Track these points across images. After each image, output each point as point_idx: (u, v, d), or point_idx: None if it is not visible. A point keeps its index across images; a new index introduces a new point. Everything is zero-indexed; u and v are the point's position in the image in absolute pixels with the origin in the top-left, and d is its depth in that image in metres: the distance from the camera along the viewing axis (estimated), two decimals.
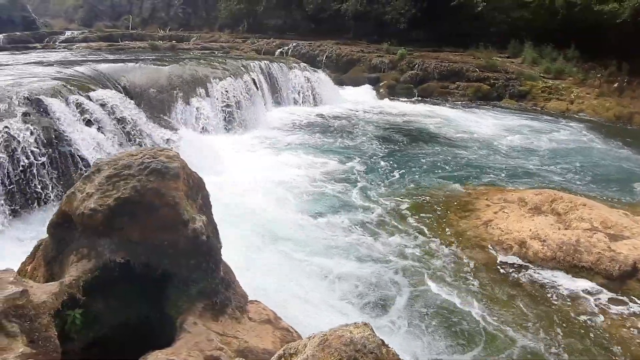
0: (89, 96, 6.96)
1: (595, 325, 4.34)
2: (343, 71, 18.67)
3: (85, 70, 8.91)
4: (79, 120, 6.39)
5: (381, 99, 16.57)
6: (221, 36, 25.05)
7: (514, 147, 10.67)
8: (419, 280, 4.95)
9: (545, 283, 4.95)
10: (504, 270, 5.19)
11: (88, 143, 6.18)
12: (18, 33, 23.86)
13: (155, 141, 7.13)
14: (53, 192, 5.64)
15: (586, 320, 4.40)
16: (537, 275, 5.09)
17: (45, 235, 2.76)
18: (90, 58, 12.36)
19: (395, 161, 9.12)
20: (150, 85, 9.38)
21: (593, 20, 15.95)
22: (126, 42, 21.92)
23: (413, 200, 6.99)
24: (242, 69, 12.47)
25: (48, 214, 5.30)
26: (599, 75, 15.94)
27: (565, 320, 4.39)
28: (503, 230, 5.77)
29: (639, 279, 4.83)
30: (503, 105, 16.28)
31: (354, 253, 5.41)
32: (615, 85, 15.42)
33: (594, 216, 5.61)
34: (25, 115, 5.83)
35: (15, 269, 2.50)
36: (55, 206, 5.44)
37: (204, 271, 2.45)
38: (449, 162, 9.18)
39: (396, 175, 8.20)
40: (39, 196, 5.54)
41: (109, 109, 6.94)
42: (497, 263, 5.32)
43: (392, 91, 17.25)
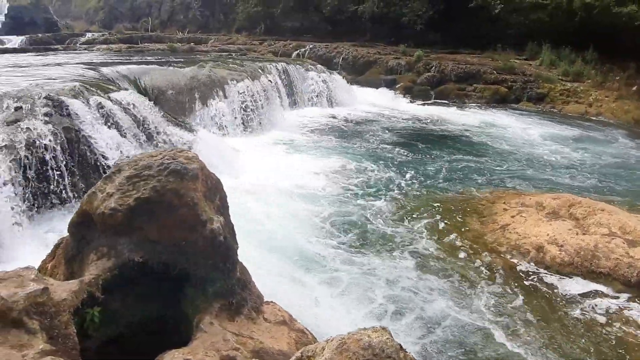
0: (109, 97, 7.06)
1: (612, 331, 4.26)
2: (359, 73, 18.64)
3: (106, 71, 9.07)
4: (99, 121, 6.49)
5: (397, 101, 16.50)
6: (238, 38, 25.22)
7: (532, 151, 10.53)
8: (434, 284, 4.91)
9: (562, 288, 4.88)
10: (520, 275, 5.12)
11: (108, 143, 6.26)
12: (40, 35, 24.36)
13: (174, 142, 7.20)
14: (73, 192, 5.73)
15: (603, 326, 4.32)
16: (554, 280, 5.01)
17: (65, 234, 2.80)
18: (110, 60, 12.54)
19: (412, 164, 9.07)
20: (169, 87, 9.49)
21: (611, 23, 15.68)
22: (145, 44, 22.19)
23: (429, 203, 6.94)
24: (259, 70, 12.54)
25: (68, 213, 5.40)
26: (617, 77, 15.66)
27: (581, 326, 4.32)
28: (520, 235, 5.70)
29: None
30: (521, 108, 16.08)
31: (365, 254, 5.40)
32: (634, 88, 15.14)
33: (612, 221, 5.51)
34: (47, 115, 5.94)
35: (36, 267, 2.53)
36: (74, 205, 5.53)
37: (221, 271, 2.47)
38: (466, 165, 9.10)
39: (413, 178, 8.15)
40: (59, 195, 5.63)
41: (128, 110, 7.03)
42: (514, 267, 5.25)
43: (409, 93, 17.17)
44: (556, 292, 4.82)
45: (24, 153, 5.41)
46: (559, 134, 12.31)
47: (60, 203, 5.65)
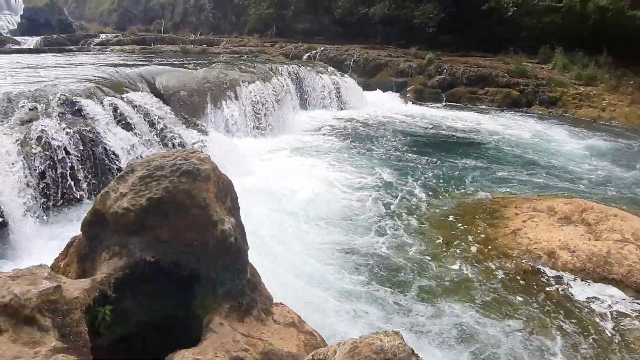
0: (122, 98, 7.14)
1: (623, 338, 4.21)
2: (370, 75, 18.63)
3: (119, 72, 9.15)
4: (112, 122, 6.56)
5: (408, 103, 16.46)
6: (250, 40, 25.34)
7: (541, 154, 10.44)
8: (445, 288, 4.88)
9: (573, 294, 4.82)
10: (531, 281, 5.07)
11: (121, 144, 6.33)
12: (55, 35, 24.71)
13: (186, 143, 7.25)
14: (86, 191, 5.79)
15: (614, 334, 4.27)
16: (566, 286, 4.96)
17: (77, 233, 2.83)
18: (123, 61, 12.66)
19: (423, 167, 9.03)
20: (182, 88, 9.56)
21: (625, 26, 15.51)
22: (158, 46, 22.38)
23: (441, 207, 6.92)
24: (271, 72, 12.58)
25: (81, 212, 5.45)
26: (631, 82, 15.48)
27: (593, 333, 4.27)
28: (532, 240, 5.65)
29: None
30: (533, 112, 15.95)
31: (375, 257, 5.39)
32: None
33: (625, 227, 5.44)
34: (61, 115, 6.02)
35: (49, 265, 2.56)
36: (87, 205, 5.59)
37: (232, 272, 2.47)
38: (478, 169, 9.05)
39: (424, 182, 8.12)
40: (72, 194, 5.70)
41: (141, 111, 7.09)
42: (525, 273, 5.21)
43: (420, 96, 17.12)
44: (567, 298, 4.77)
45: (38, 152, 5.48)
46: (572, 139, 12.19)
47: (72, 202, 5.71)
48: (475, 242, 5.83)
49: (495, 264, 5.35)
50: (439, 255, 5.53)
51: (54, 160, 5.60)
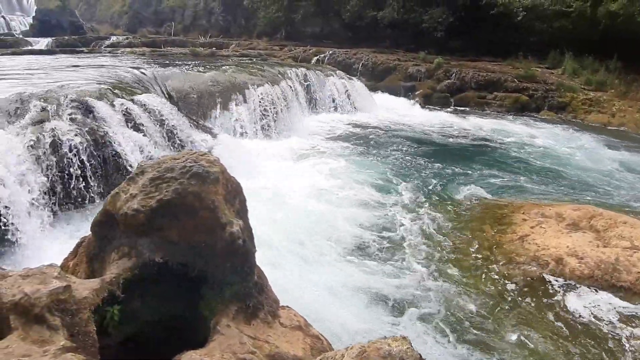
0: (133, 100, 7.19)
1: (631, 346, 4.17)
2: (379, 79, 18.63)
3: (130, 74, 9.22)
4: (123, 123, 6.61)
5: (416, 107, 16.43)
6: (259, 43, 25.44)
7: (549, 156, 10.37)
8: (451, 293, 4.87)
9: (580, 302, 4.78)
10: (539, 287, 5.04)
11: (131, 145, 6.37)
12: (66, 37, 24.95)
13: (195, 145, 7.29)
14: (96, 192, 5.83)
15: (622, 341, 4.23)
16: (573, 293, 4.92)
17: (87, 233, 2.85)
18: (134, 63, 12.75)
19: (431, 171, 9.01)
20: (191, 91, 9.62)
21: (635, 32, 15.40)
22: (168, 48, 22.50)
23: (448, 212, 6.90)
24: (279, 76, 12.62)
25: (90, 212, 5.50)
26: None
27: (598, 341, 4.24)
28: (539, 246, 5.61)
29: None
30: (542, 117, 15.86)
31: (382, 261, 5.38)
32: None
33: (634, 234, 5.40)
34: (72, 116, 6.07)
35: (58, 265, 2.58)
36: (97, 205, 5.64)
37: (239, 274, 2.48)
38: (487, 174, 9.01)
39: (432, 186, 8.10)
40: (82, 195, 5.74)
41: (152, 112, 7.15)
42: (532, 279, 5.17)
43: (428, 100, 17.09)
44: (575, 306, 4.73)
45: (49, 153, 5.53)
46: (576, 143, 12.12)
47: (82, 203, 5.75)
48: (482, 248, 5.80)
49: (502, 269, 5.32)
50: (445, 260, 5.51)
51: (64, 161, 5.65)
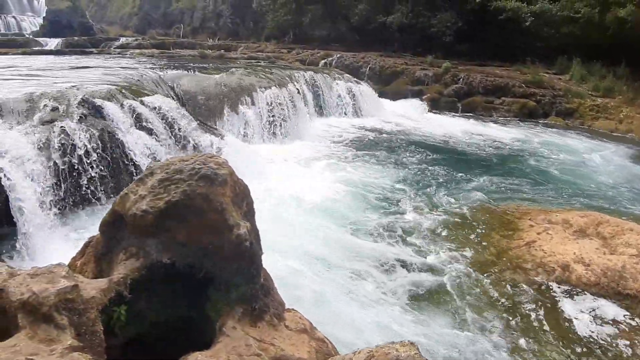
0: (142, 101, 7.24)
1: (635, 353, 4.15)
2: (386, 83, 18.60)
3: (139, 75, 9.29)
4: (132, 124, 6.65)
5: (424, 112, 16.39)
6: (267, 46, 25.49)
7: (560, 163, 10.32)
8: (457, 299, 4.85)
9: (586, 309, 4.75)
10: (545, 294, 5.01)
11: (140, 146, 6.41)
12: (76, 38, 25.15)
13: (203, 147, 7.31)
14: (104, 192, 5.87)
15: (626, 349, 4.20)
16: (579, 300, 4.89)
17: (94, 233, 2.87)
18: (143, 64, 12.83)
19: (438, 176, 8.98)
20: (200, 93, 9.66)
21: None
22: (177, 50, 22.63)
23: (455, 217, 6.87)
24: (287, 79, 12.64)
25: (98, 212, 5.54)
26: None
27: (605, 349, 4.20)
28: (546, 252, 5.58)
29: None
30: (549, 123, 15.77)
31: (390, 267, 5.37)
32: None
33: None
34: (82, 116, 6.13)
35: (66, 264, 2.59)
36: (105, 205, 5.68)
37: (245, 276, 2.49)
38: (493, 179, 8.97)
39: (439, 191, 8.07)
40: (90, 195, 5.78)
41: (160, 114, 7.19)
42: (538, 286, 5.14)
43: (436, 104, 17.05)
44: (580, 313, 4.70)
45: (58, 152, 5.58)
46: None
47: (90, 202, 5.79)
48: (489, 253, 5.78)
49: (508, 275, 5.30)
50: (450, 265, 5.49)
51: (73, 161, 5.70)
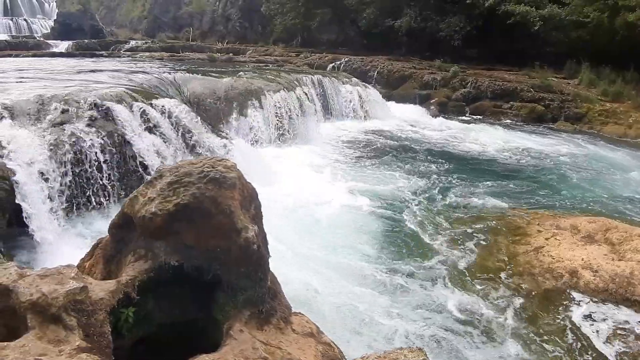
0: (151, 104, 7.29)
1: None
2: (394, 87, 18.57)
3: (148, 78, 9.36)
4: (141, 127, 6.70)
5: (432, 116, 16.33)
6: (275, 50, 25.56)
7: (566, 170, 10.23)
8: (464, 303, 4.82)
9: (594, 315, 4.70)
10: (552, 300, 4.96)
11: (149, 149, 6.45)
12: (86, 40, 25.38)
13: (211, 149, 7.34)
14: (112, 194, 5.90)
15: (634, 356, 4.15)
16: (587, 306, 4.84)
17: (103, 235, 2.89)
18: (152, 67, 12.91)
19: (446, 181, 8.94)
20: (208, 96, 9.70)
21: None
22: (186, 53, 22.73)
23: (462, 222, 6.85)
24: (295, 82, 12.66)
25: (107, 213, 5.58)
26: None
27: (614, 356, 4.16)
28: (554, 258, 5.54)
29: None
30: (558, 128, 15.65)
31: (394, 271, 5.36)
32: None
33: None
34: (92, 119, 6.17)
35: (75, 265, 2.61)
36: (113, 207, 5.71)
37: (253, 280, 2.49)
38: (501, 184, 8.92)
39: (446, 196, 8.03)
40: (99, 196, 5.82)
41: (169, 117, 7.23)
42: (546, 291, 5.10)
43: (443, 109, 16.99)
44: (588, 319, 4.65)
45: (68, 154, 5.62)
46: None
47: (99, 203, 5.83)
48: (496, 259, 5.75)
49: (516, 281, 5.26)
50: (459, 271, 5.47)
51: (83, 162, 5.74)
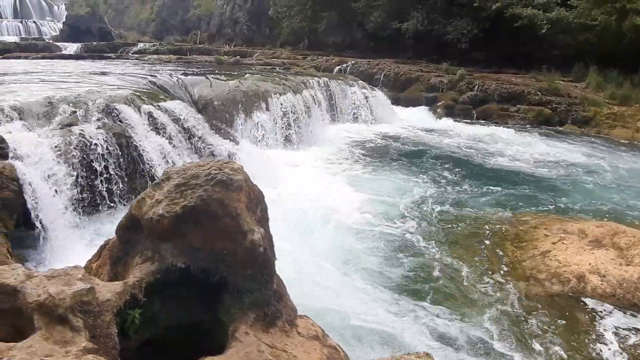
0: (159, 106, 7.34)
1: None
2: (400, 90, 18.53)
3: (156, 81, 9.40)
4: (149, 129, 6.73)
5: (438, 119, 16.27)
6: (282, 52, 25.62)
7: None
8: (470, 310, 4.80)
9: (601, 321, 4.66)
10: (559, 305, 4.93)
11: (156, 151, 6.48)
12: (94, 43, 25.62)
13: (218, 152, 7.37)
14: (120, 196, 5.93)
15: None
16: (594, 312, 4.80)
17: (110, 236, 2.91)
18: (160, 70, 12.98)
19: (453, 185, 8.89)
20: (215, 98, 9.74)
21: None
22: (194, 56, 22.81)
23: (469, 227, 6.82)
24: (302, 85, 12.68)
25: (114, 215, 5.60)
26: None
27: None
28: (561, 263, 5.50)
29: None
30: (565, 131, 15.56)
31: (398, 279, 5.35)
32: None
33: None
34: (100, 121, 6.22)
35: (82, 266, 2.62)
36: (120, 209, 5.74)
37: (259, 282, 2.50)
38: (508, 188, 8.87)
39: (453, 200, 7.99)
40: (107, 198, 5.85)
41: (177, 119, 7.27)
42: (553, 296, 5.06)
43: (450, 112, 16.94)
44: (595, 325, 4.61)
45: (76, 156, 5.66)
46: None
47: (107, 205, 5.86)
48: (503, 263, 5.72)
49: (522, 286, 5.23)
50: (464, 275, 5.44)
51: (91, 164, 5.77)
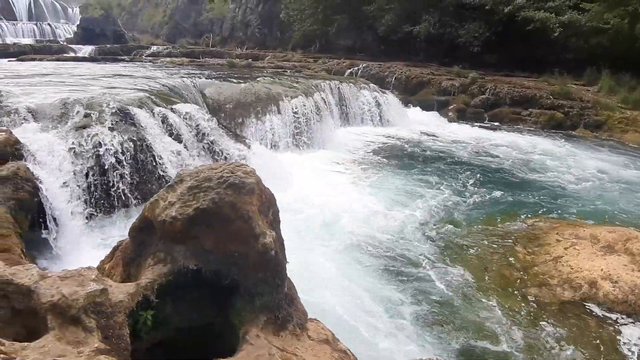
0: (172, 109, 7.40)
1: None
2: (411, 93, 18.50)
3: (169, 84, 9.48)
4: (162, 131, 6.79)
5: (450, 122, 16.23)
6: (294, 55, 25.72)
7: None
8: (483, 314, 4.76)
9: (613, 328, 4.60)
10: (571, 311, 4.87)
11: (169, 153, 6.53)
12: (108, 45, 25.93)
13: (230, 154, 7.40)
14: (133, 198, 5.98)
15: None
16: (606, 319, 4.73)
17: (122, 238, 2.94)
18: (173, 72, 13.07)
19: (463, 188, 8.84)
20: (227, 101, 9.80)
21: None
22: (206, 59, 23.01)
23: (480, 231, 6.77)
24: (313, 88, 12.69)
25: (128, 217, 5.65)
26: None
27: None
28: (573, 268, 5.44)
29: None
30: (577, 135, 15.41)
31: (408, 282, 5.32)
32: None
33: None
34: (113, 123, 6.28)
35: (95, 267, 2.64)
36: (133, 210, 5.78)
37: (270, 285, 2.50)
38: (519, 192, 8.79)
39: (464, 204, 7.95)
40: (120, 200, 5.90)
41: (189, 122, 7.32)
42: (564, 303, 5.00)
43: (462, 115, 16.88)
44: (607, 332, 4.55)
45: (90, 157, 5.72)
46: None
47: (119, 208, 5.91)
48: (515, 269, 5.67)
49: (534, 292, 5.17)
50: (475, 281, 5.40)
51: (104, 166, 5.83)
